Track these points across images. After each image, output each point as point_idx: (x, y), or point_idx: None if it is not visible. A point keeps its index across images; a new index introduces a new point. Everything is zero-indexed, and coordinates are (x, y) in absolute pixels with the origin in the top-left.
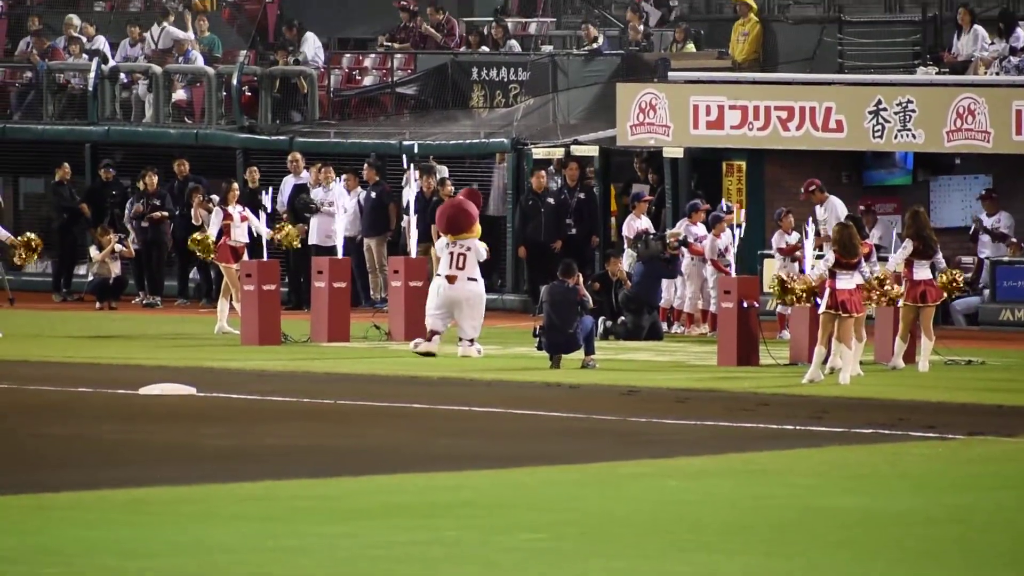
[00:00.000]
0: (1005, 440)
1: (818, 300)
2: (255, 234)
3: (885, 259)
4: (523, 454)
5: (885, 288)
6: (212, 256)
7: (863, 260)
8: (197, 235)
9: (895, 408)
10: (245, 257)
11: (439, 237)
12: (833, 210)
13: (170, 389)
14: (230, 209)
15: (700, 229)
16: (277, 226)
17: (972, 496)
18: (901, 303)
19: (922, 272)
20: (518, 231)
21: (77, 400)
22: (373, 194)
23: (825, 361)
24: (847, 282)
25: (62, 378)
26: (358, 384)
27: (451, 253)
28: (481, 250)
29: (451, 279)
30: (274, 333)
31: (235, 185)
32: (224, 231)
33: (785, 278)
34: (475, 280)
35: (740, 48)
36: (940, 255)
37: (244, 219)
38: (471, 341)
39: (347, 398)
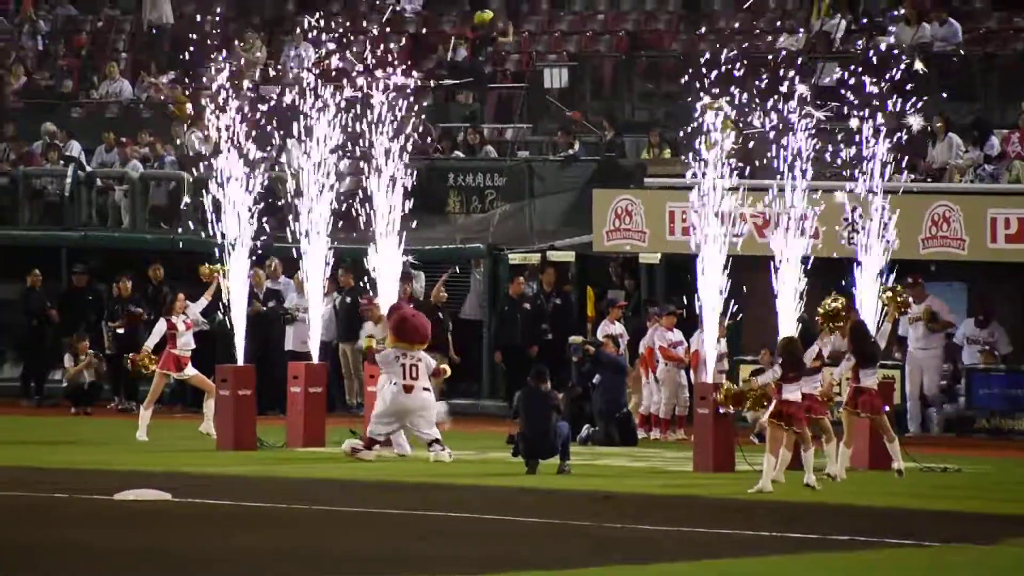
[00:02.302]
0: (982, 547)
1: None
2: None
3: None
4: (500, 559)
5: (834, 396)
6: (149, 370)
7: (811, 373)
8: (131, 360)
9: (871, 515)
10: (189, 367)
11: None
12: None
13: (145, 495)
14: (174, 319)
15: (675, 335)
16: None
17: None
18: (843, 409)
19: (868, 380)
20: (494, 336)
21: (52, 505)
22: (348, 299)
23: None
24: (792, 394)
25: (36, 483)
26: (334, 489)
27: (403, 365)
28: (431, 362)
29: (409, 388)
30: (249, 438)
31: (180, 296)
32: (168, 340)
33: (734, 388)
34: (428, 390)
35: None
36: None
37: (189, 327)
38: (439, 443)
39: (323, 503)
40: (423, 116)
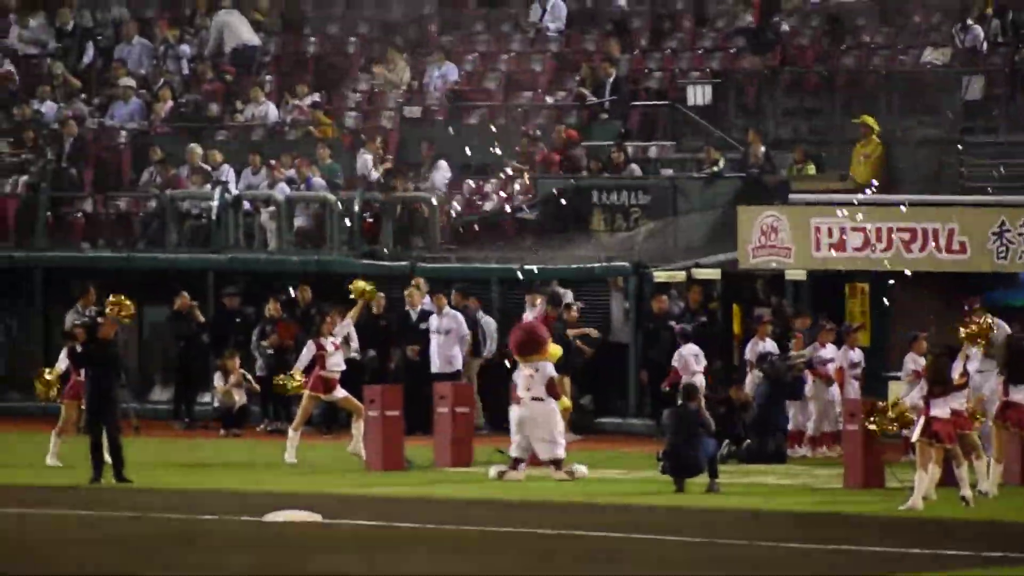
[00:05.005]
0: None
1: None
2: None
3: None
4: None
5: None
6: (296, 391)
7: (958, 389)
8: (282, 377)
9: None
10: (339, 389)
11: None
12: None
13: (295, 516)
14: (323, 340)
15: (827, 351)
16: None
17: None
18: (992, 424)
19: (1018, 395)
20: (640, 355)
21: (202, 528)
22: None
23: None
24: (941, 410)
25: (187, 506)
26: (482, 510)
27: (523, 375)
28: (548, 370)
29: (518, 400)
30: (398, 459)
31: (328, 318)
32: (318, 362)
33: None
34: (540, 400)
35: (861, 170)
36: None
37: (337, 348)
38: (557, 465)
39: (472, 524)
40: (565, 134)
